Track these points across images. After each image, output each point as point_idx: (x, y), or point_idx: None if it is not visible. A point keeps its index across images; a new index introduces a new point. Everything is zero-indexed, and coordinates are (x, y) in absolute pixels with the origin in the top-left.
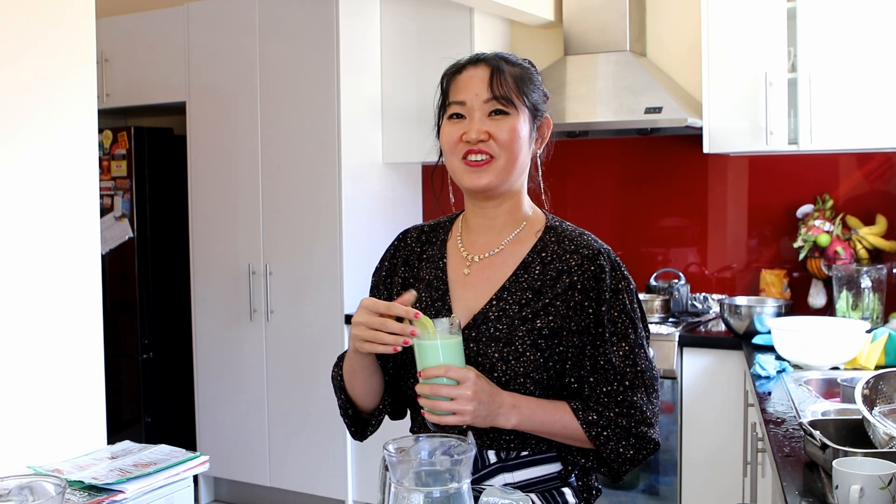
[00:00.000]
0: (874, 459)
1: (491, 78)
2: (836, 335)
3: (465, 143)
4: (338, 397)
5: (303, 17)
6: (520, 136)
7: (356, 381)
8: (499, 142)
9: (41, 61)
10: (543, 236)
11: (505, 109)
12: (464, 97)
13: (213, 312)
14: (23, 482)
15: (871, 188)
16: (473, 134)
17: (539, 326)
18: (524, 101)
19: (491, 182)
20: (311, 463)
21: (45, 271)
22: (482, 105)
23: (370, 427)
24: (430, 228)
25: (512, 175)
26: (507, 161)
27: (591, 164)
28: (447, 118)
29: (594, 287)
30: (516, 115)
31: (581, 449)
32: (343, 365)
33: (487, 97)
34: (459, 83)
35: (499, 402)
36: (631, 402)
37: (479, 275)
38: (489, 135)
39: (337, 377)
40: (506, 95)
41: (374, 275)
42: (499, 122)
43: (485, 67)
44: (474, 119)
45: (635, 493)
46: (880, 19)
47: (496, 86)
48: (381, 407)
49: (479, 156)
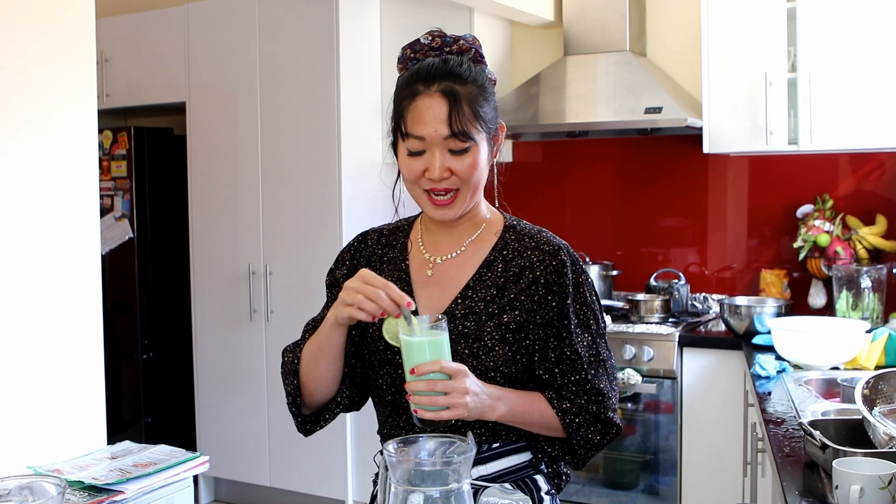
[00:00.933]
0: (874, 459)
1: (449, 115)
2: (836, 335)
3: (427, 179)
4: (288, 384)
5: (303, 17)
6: (480, 166)
7: (320, 361)
8: (460, 176)
9: (41, 61)
10: (503, 235)
11: (465, 146)
12: (422, 132)
13: (213, 312)
14: (23, 482)
15: (871, 188)
16: (437, 173)
17: (506, 321)
18: (481, 126)
19: (457, 213)
20: (311, 463)
21: (45, 272)
22: (442, 141)
23: (321, 421)
24: (389, 231)
25: (475, 197)
26: (471, 192)
27: (591, 164)
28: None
29: (556, 281)
30: (475, 146)
31: (547, 438)
32: (306, 346)
33: (447, 134)
34: (415, 114)
35: (487, 395)
36: (598, 389)
37: (442, 275)
38: (451, 171)
39: (293, 362)
40: (464, 131)
41: (329, 274)
42: (460, 158)
43: (441, 100)
44: (434, 155)
45: (635, 493)
46: (880, 19)
47: (455, 122)
48: (339, 399)
49: (444, 195)
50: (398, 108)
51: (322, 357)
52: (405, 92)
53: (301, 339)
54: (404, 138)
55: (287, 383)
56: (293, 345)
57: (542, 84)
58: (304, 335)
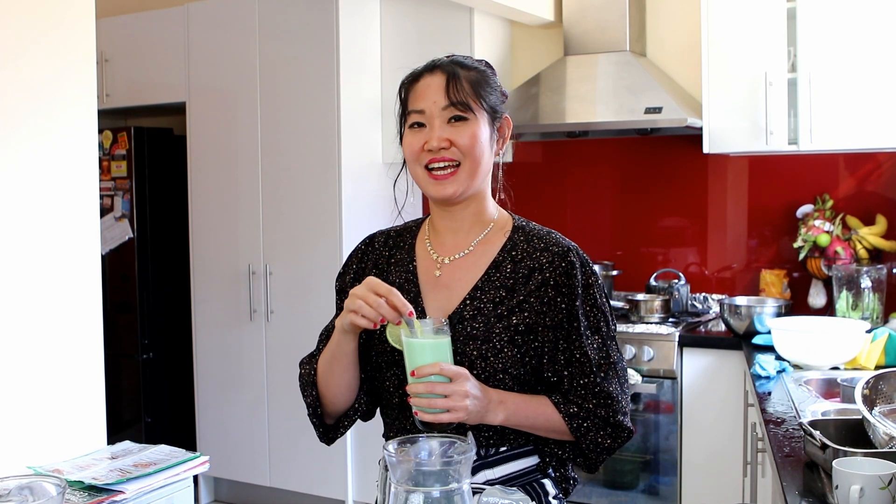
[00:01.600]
0: (874, 459)
1: (447, 85)
2: (836, 335)
3: (427, 151)
4: (308, 395)
5: (303, 17)
6: (480, 140)
7: (335, 369)
8: (460, 148)
9: (41, 61)
10: (512, 236)
11: (463, 115)
12: (422, 105)
13: (213, 312)
14: (23, 482)
15: (871, 188)
16: (434, 142)
17: (515, 323)
18: (482, 104)
19: (456, 191)
20: (311, 463)
21: (45, 272)
22: (441, 112)
23: (340, 429)
24: (396, 233)
25: (476, 179)
26: (471, 167)
27: (591, 164)
28: (408, 127)
29: (566, 283)
30: (475, 119)
31: (557, 441)
32: (321, 357)
33: (445, 104)
34: (417, 92)
35: (488, 399)
36: (607, 392)
37: (450, 276)
38: (450, 142)
39: (309, 373)
40: (463, 101)
41: (338, 279)
42: (459, 128)
43: (440, 74)
44: (434, 127)
45: (635, 493)
46: (880, 19)
47: (452, 92)
48: (357, 406)
49: (443, 164)
50: (402, 97)
51: (336, 365)
52: (408, 78)
53: (316, 350)
54: (407, 118)
55: (306, 395)
56: (309, 356)
57: (542, 84)
58: (318, 345)
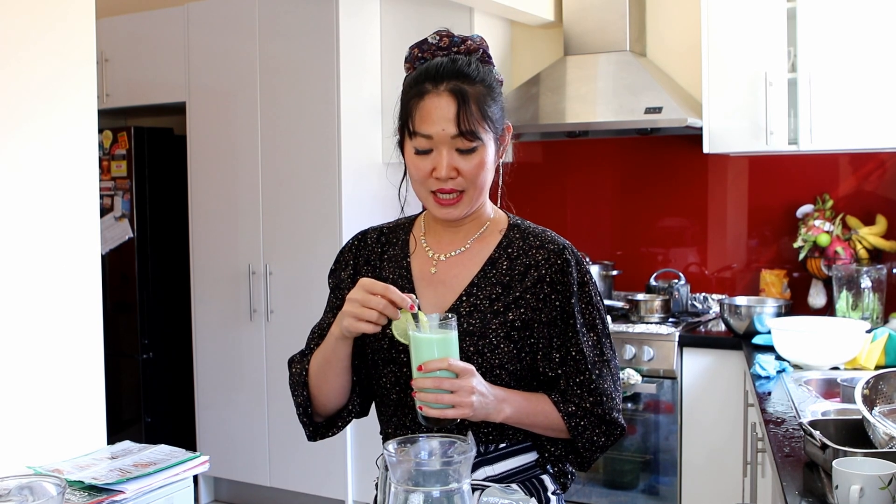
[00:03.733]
0: (874, 459)
1: (457, 114)
2: (836, 335)
3: (434, 179)
4: (298, 395)
5: (303, 17)
6: (486, 166)
7: (328, 373)
8: (466, 177)
9: (41, 61)
10: (508, 233)
11: (472, 146)
12: (430, 131)
13: (213, 312)
14: (23, 482)
15: (871, 188)
16: (443, 172)
17: (511, 319)
18: (488, 126)
19: (461, 214)
20: (311, 463)
21: (45, 271)
22: (449, 140)
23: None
24: (388, 230)
25: (480, 199)
26: (476, 192)
27: (591, 164)
28: (414, 153)
29: (561, 280)
30: (482, 146)
31: (550, 438)
32: (313, 358)
33: (454, 133)
34: (423, 112)
35: (493, 396)
36: (602, 389)
37: (445, 273)
38: (458, 171)
39: (301, 373)
40: (472, 131)
41: (331, 276)
42: (467, 157)
43: (449, 99)
44: (442, 154)
45: (635, 493)
46: (880, 19)
47: (462, 121)
48: (350, 407)
49: (450, 195)
50: (406, 107)
51: (330, 370)
52: (413, 91)
53: (306, 349)
54: (412, 137)
55: (296, 394)
56: (299, 355)
57: (542, 84)
58: (308, 344)
